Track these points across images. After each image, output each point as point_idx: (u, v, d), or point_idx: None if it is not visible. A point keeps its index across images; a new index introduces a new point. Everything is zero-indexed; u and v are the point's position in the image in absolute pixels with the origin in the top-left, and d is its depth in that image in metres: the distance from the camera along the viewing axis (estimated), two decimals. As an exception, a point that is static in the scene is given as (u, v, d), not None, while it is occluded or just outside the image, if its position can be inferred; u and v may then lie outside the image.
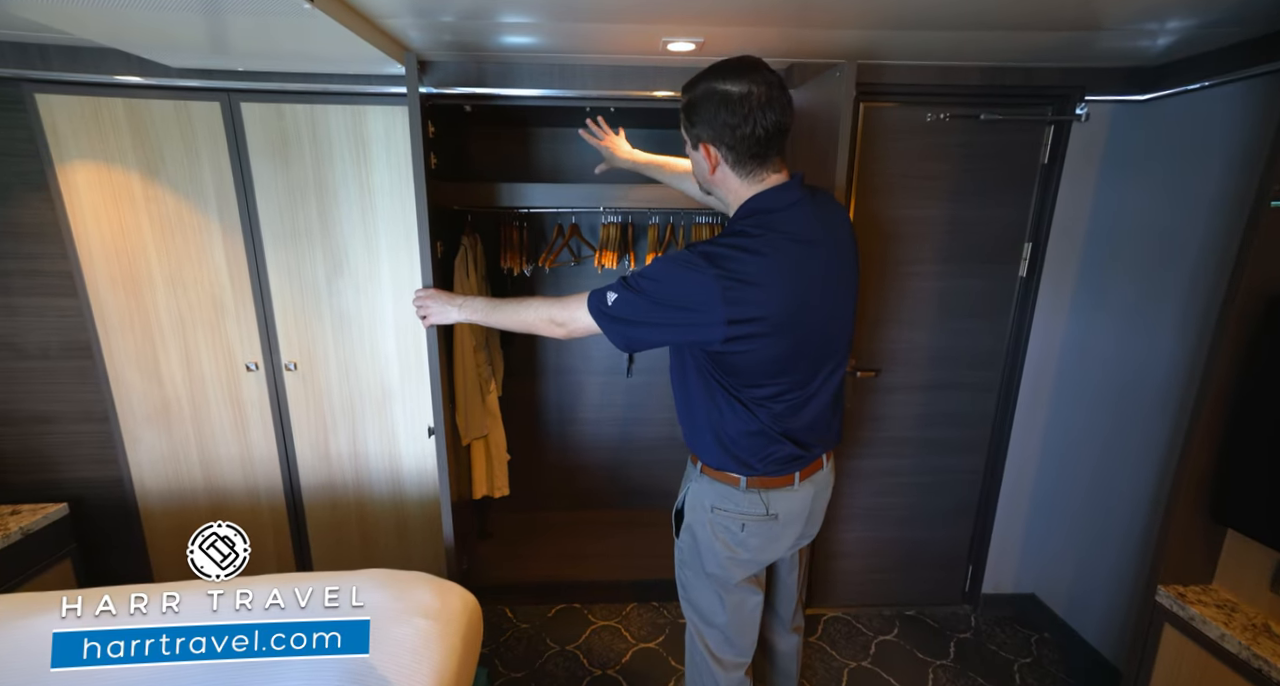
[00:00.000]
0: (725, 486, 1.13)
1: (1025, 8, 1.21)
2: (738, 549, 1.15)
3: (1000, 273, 1.86)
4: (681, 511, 1.22)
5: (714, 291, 0.94)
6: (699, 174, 1.09)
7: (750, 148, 0.97)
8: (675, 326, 0.99)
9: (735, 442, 1.09)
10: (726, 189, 1.05)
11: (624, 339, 1.04)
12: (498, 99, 1.66)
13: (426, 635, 1.09)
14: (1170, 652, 1.24)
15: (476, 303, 1.28)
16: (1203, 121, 1.52)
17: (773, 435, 1.07)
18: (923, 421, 1.97)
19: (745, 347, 0.98)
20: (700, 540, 1.18)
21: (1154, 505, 1.67)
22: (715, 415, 1.09)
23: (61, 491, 1.86)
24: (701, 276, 0.94)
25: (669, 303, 0.98)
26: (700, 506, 1.17)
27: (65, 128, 1.60)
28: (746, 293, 0.94)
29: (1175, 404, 1.59)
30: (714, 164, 1.02)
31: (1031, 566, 2.12)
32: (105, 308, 1.74)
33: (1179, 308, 1.57)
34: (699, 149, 1.02)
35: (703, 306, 0.95)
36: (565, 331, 1.12)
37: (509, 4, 1.22)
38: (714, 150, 1.00)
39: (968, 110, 1.69)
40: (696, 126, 1.00)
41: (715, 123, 0.96)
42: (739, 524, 1.13)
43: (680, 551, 1.25)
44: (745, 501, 1.12)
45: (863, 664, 1.92)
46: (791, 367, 1.03)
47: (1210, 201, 1.50)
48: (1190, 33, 1.37)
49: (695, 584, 1.23)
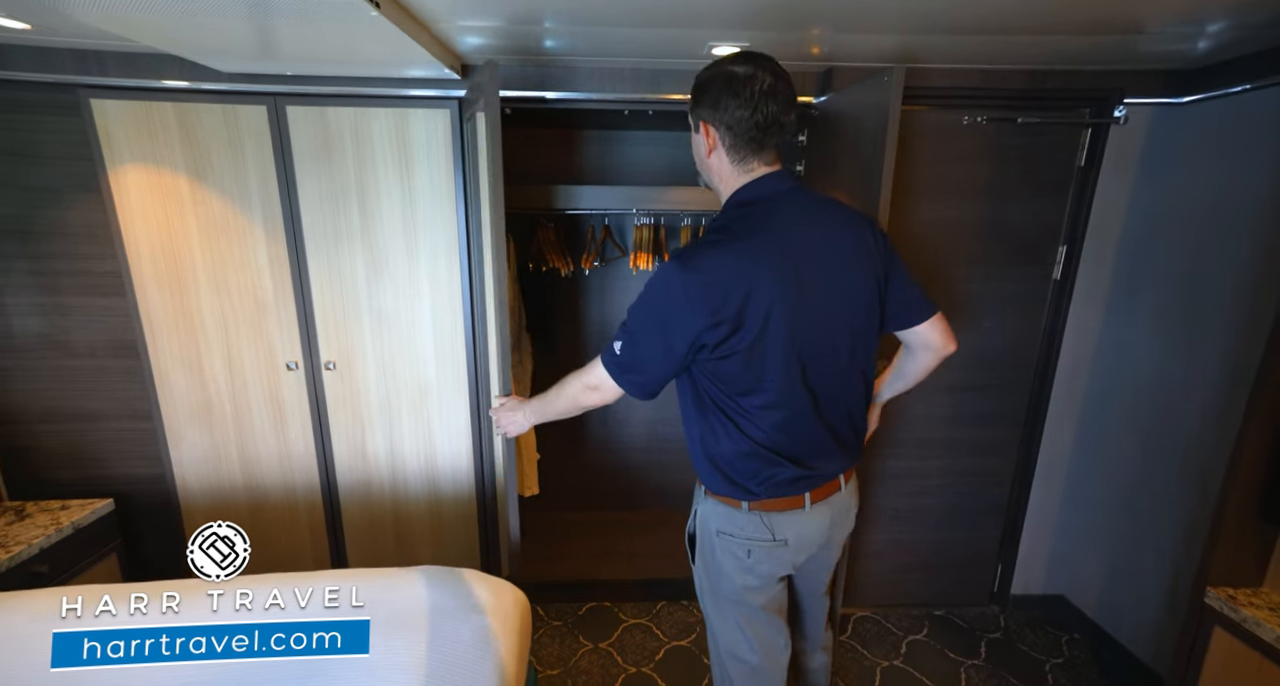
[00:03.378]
0: (728, 509, 1.07)
1: (1067, 12, 1.21)
2: (746, 576, 1.09)
3: (1034, 275, 1.87)
4: (693, 536, 1.17)
5: (684, 290, 0.93)
6: (697, 157, 1.07)
7: (748, 132, 0.96)
8: (663, 342, 0.96)
9: (730, 465, 1.04)
10: (719, 176, 1.03)
11: (638, 388, 1.03)
12: (540, 102, 1.68)
13: (487, 631, 1.11)
14: (1220, 655, 1.24)
15: (533, 404, 1.25)
16: (1244, 124, 1.52)
17: (767, 456, 1.01)
18: (952, 422, 1.97)
19: (727, 349, 0.94)
20: (711, 565, 1.13)
21: (1190, 508, 1.67)
22: (709, 436, 1.05)
23: (108, 487, 1.90)
24: (671, 279, 0.94)
25: (652, 318, 0.97)
26: (707, 530, 1.12)
27: (118, 131, 1.63)
28: (715, 289, 0.92)
29: (1213, 408, 1.59)
30: (711, 146, 1.00)
31: (1061, 567, 2.12)
32: (152, 307, 1.78)
33: (1217, 312, 1.57)
34: (699, 130, 1.01)
35: (678, 308, 0.94)
36: (600, 396, 1.09)
37: (565, 8, 1.23)
38: (713, 130, 0.99)
39: (1005, 113, 1.69)
40: (700, 106, 0.99)
41: (718, 102, 0.96)
42: (745, 549, 1.07)
43: (697, 579, 1.19)
44: (749, 525, 1.06)
45: (895, 663, 1.93)
46: (778, 373, 0.97)
47: (1251, 205, 1.50)
48: (1229, 35, 1.37)
49: (716, 614, 1.16)
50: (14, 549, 1.58)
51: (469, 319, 1.85)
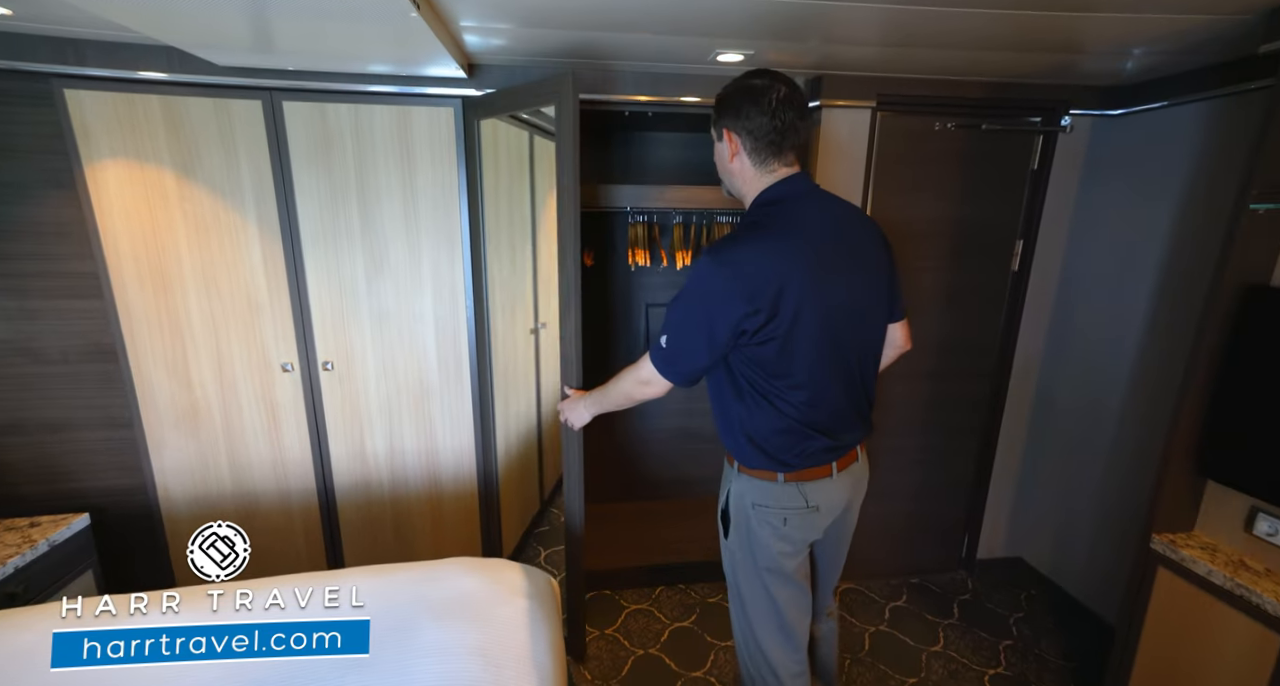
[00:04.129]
0: (764, 483, 1.15)
1: (1022, 32, 1.37)
2: (782, 543, 1.17)
3: (995, 267, 2.06)
4: (727, 512, 1.23)
5: (721, 283, 1.01)
6: (720, 165, 1.16)
7: (768, 137, 1.06)
8: (706, 333, 1.04)
9: (767, 441, 1.12)
10: (742, 179, 1.12)
11: (684, 378, 1.13)
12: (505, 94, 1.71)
13: (531, 613, 1.15)
14: (1164, 590, 1.44)
15: (592, 397, 1.36)
16: (1165, 135, 1.75)
17: (802, 431, 1.10)
18: (928, 404, 2.15)
19: (765, 335, 1.03)
20: (748, 537, 1.19)
21: (1124, 474, 1.90)
22: (746, 416, 1.13)
23: (82, 501, 1.79)
24: (709, 273, 1.03)
25: (694, 312, 1.06)
26: (743, 504, 1.19)
27: (96, 124, 1.55)
28: (750, 280, 1.00)
29: (1145, 381, 1.83)
30: (734, 151, 1.10)
31: (1018, 532, 2.35)
32: (132, 309, 1.69)
33: (1149, 295, 1.80)
34: (722, 138, 1.11)
35: (717, 300, 1.02)
36: (652, 390, 1.18)
37: (587, 14, 1.29)
38: (735, 137, 1.08)
39: (971, 120, 1.87)
40: (723, 116, 1.09)
41: (739, 111, 1.06)
42: (781, 518, 1.16)
43: (730, 552, 1.25)
44: (785, 496, 1.15)
45: (880, 628, 2.09)
46: (809, 356, 1.06)
47: (1172, 203, 1.73)
48: (1150, 60, 1.59)
49: (749, 585, 1.22)
50: (-11, 569, 1.48)
51: (472, 315, 1.86)
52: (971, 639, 2.04)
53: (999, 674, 1.89)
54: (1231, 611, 1.31)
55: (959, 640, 2.03)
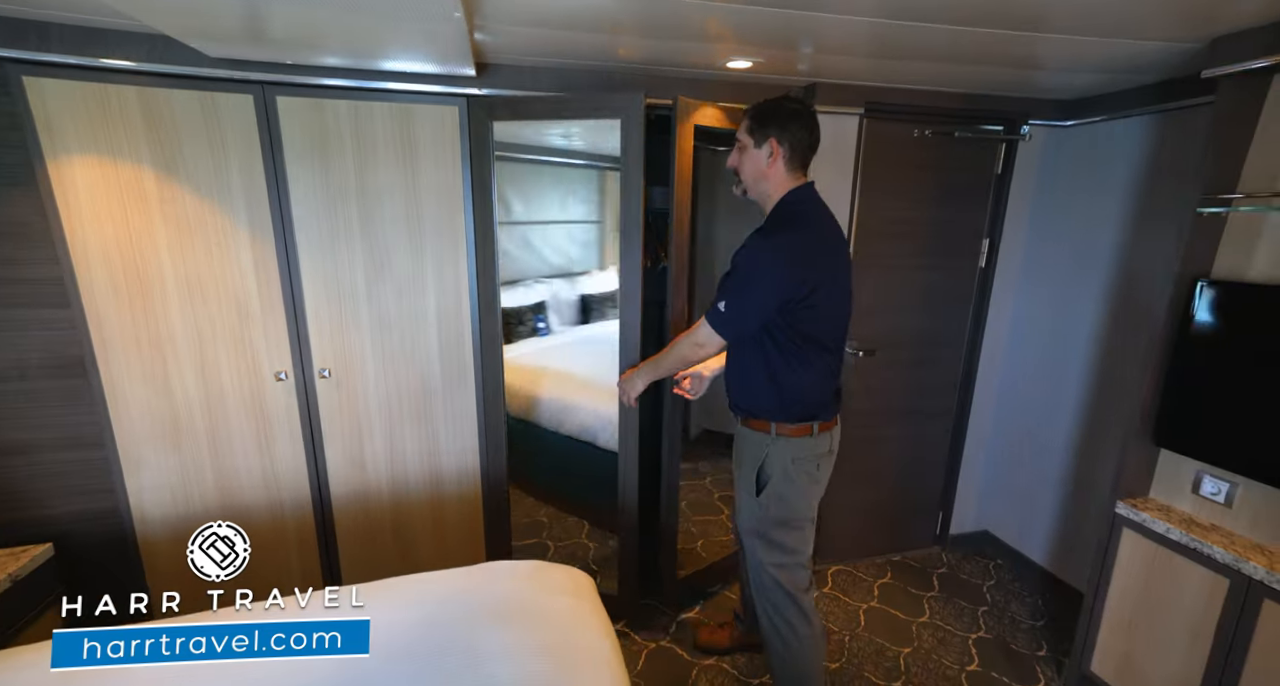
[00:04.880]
0: (800, 439, 1.40)
1: (983, 48, 1.49)
2: (816, 486, 1.46)
3: (965, 264, 2.23)
4: (762, 474, 1.43)
5: (773, 260, 1.27)
6: (752, 167, 1.35)
7: (800, 151, 1.33)
8: (760, 300, 1.29)
9: (809, 395, 1.38)
10: (773, 182, 1.35)
11: (736, 335, 1.37)
12: (551, 100, 1.71)
13: (581, 610, 1.17)
14: (1127, 549, 1.63)
15: (645, 367, 1.57)
16: (1110, 145, 1.96)
17: (828, 386, 1.41)
18: (907, 393, 2.30)
19: (807, 304, 1.29)
20: (786, 493, 1.43)
21: (1080, 449, 2.12)
22: (792, 377, 1.36)
23: (43, 530, 1.63)
24: (765, 254, 1.28)
25: (752, 283, 1.28)
26: (783, 464, 1.41)
27: (61, 116, 1.42)
28: (798, 262, 1.27)
29: (1097, 364, 2.04)
30: (775, 157, 1.32)
31: (985, 507, 2.56)
32: (104, 318, 1.56)
33: (1099, 287, 2.02)
34: (763, 145, 1.32)
35: (771, 274, 1.27)
36: (705, 351, 1.41)
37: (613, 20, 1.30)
38: (779, 146, 1.31)
39: (946, 128, 2.02)
40: (768, 127, 1.31)
41: (785, 125, 1.30)
42: (815, 465, 1.44)
43: (764, 509, 1.45)
44: (818, 445, 1.42)
45: (871, 604, 2.22)
46: (834, 329, 1.37)
47: (1117, 206, 1.94)
48: (1093, 78, 1.78)
49: (781, 532, 1.46)
50: (-47, 610, 1.33)
51: (475, 314, 1.83)
52: (953, 608, 2.21)
53: (980, 637, 2.06)
54: (1187, 562, 1.49)
55: (942, 610, 2.20)
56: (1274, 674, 1.33)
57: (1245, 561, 1.38)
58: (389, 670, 0.96)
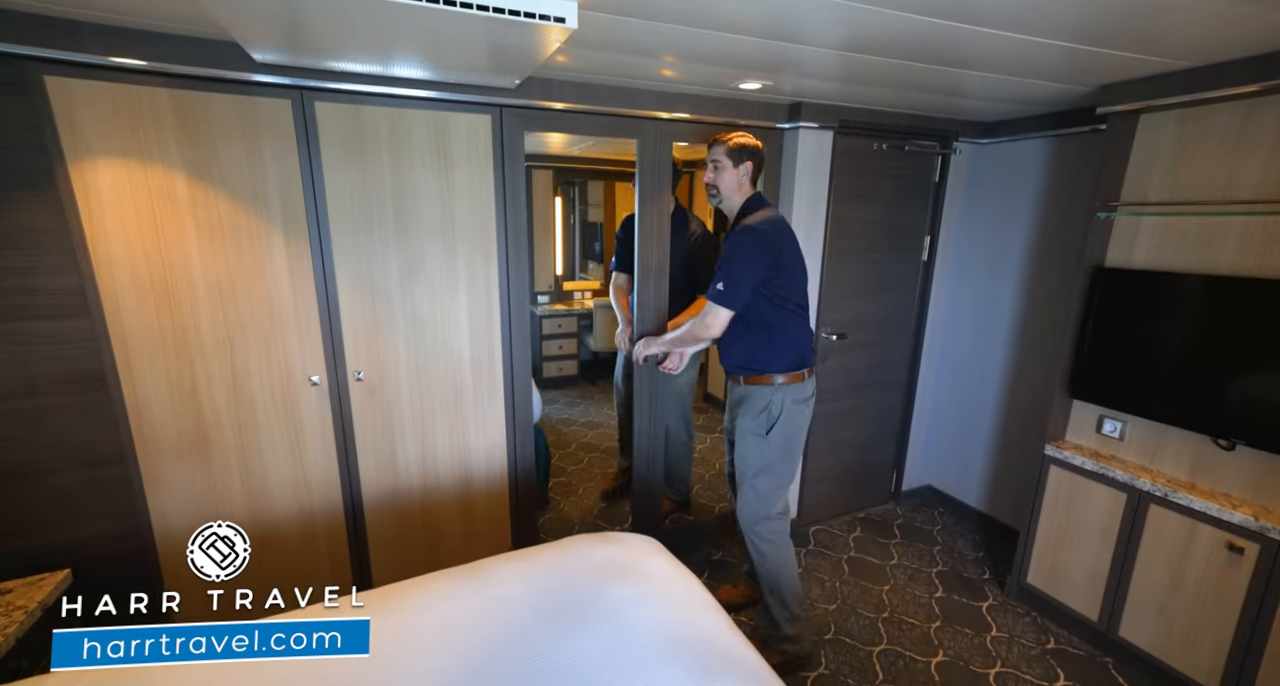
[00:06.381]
0: (798, 385, 1.74)
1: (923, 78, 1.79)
2: (807, 422, 1.79)
3: (911, 258, 2.63)
4: (770, 424, 1.73)
5: (758, 244, 1.62)
6: (729, 183, 1.72)
7: (759, 169, 1.75)
8: (751, 274, 1.62)
9: (804, 344, 1.73)
10: (741, 192, 1.74)
11: (736, 304, 1.65)
12: (573, 112, 1.85)
13: (670, 565, 1.34)
14: (1053, 481, 2.06)
15: (664, 338, 1.90)
16: (1017, 160, 2.43)
17: (807, 338, 1.76)
18: (869, 369, 2.67)
19: (785, 275, 1.66)
20: (790, 432, 1.75)
21: (1004, 408, 2.59)
22: (788, 330, 1.71)
23: (60, 557, 1.53)
24: (751, 239, 1.63)
25: (744, 262, 1.63)
26: (784, 407, 1.73)
27: (86, 118, 1.36)
28: (774, 242, 1.63)
29: (1013, 338, 2.51)
30: (746, 176, 1.72)
31: (928, 464, 3.01)
32: (127, 328, 1.50)
33: (1012, 275, 2.49)
34: (740, 166, 1.71)
35: (758, 254, 1.62)
36: (712, 329, 1.69)
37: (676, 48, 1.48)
38: (751, 167, 1.72)
39: (898, 142, 2.38)
40: (744, 154, 1.71)
41: (755, 152, 1.72)
42: (809, 405, 1.78)
43: (771, 448, 1.75)
44: (809, 388, 1.77)
45: (851, 554, 2.57)
46: (803, 293, 1.73)
47: (1024, 210, 2.41)
48: (1011, 107, 2.21)
49: (782, 461, 1.77)
50: (-7, 643, 1.25)
51: (505, 314, 1.92)
52: (914, 550, 2.61)
53: (940, 571, 2.46)
54: (1096, 485, 1.94)
55: (906, 552, 2.59)
56: (1158, 558, 1.79)
57: (1137, 479, 1.82)
58: (550, 625, 1.08)
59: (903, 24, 1.29)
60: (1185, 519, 1.70)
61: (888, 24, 1.29)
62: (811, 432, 2.53)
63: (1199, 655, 1.69)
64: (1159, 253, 1.81)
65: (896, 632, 2.08)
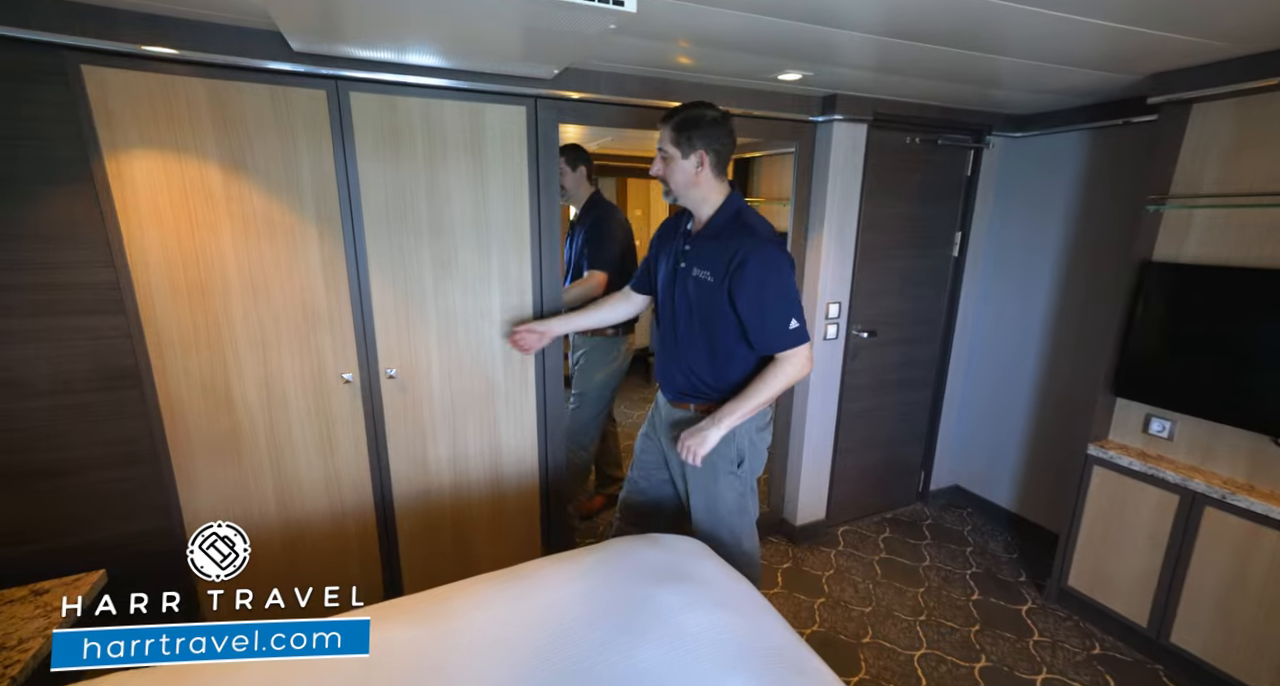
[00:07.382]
0: (761, 413, 1.47)
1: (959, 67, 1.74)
2: (766, 450, 1.54)
3: (942, 254, 2.58)
4: (741, 450, 1.47)
5: (789, 264, 1.36)
6: (682, 178, 1.37)
7: (723, 158, 1.37)
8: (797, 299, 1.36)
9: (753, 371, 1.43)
10: (704, 189, 1.38)
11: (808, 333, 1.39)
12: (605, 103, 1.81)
13: (721, 568, 1.30)
14: (1097, 482, 2.01)
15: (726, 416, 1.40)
16: (1051, 154, 2.37)
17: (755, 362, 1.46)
18: (898, 367, 2.62)
19: None
20: (757, 458, 1.51)
21: (1038, 407, 2.54)
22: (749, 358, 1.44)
23: (93, 557, 1.50)
24: (784, 261, 1.35)
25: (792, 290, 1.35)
26: (748, 436, 1.47)
27: (123, 108, 1.33)
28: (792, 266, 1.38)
29: (1048, 335, 2.46)
30: (703, 166, 1.35)
31: (956, 464, 2.95)
32: (161, 323, 1.47)
33: (1046, 271, 2.43)
34: (690, 156, 1.34)
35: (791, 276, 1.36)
36: (805, 370, 1.40)
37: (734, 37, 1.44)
38: (706, 154, 1.34)
39: (931, 136, 2.33)
40: (693, 138, 1.33)
41: (709, 135, 1.33)
42: (770, 432, 1.55)
43: (742, 480, 1.50)
44: (768, 414, 1.52)
45: (881, 556, 2.52)
46: None
47: (1059, 205, 2.35)
48: (1037, 98, 2.15)
49: (751, 495, 1.54)
50: (32, 646, 1.22)
51: (538, 310, 1.89)
52: (946, 552, 2.56)
53: (974, 572, 2.41)
54: (1145, 486, 1.88)
55: (938, 554, 2.54)
56: (1216, 563, 1.73)
57: (1190, 480, 1.77)
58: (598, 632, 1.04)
59: (943, 3, 1.24)
60: (1245, 522, 1.65)
61: (929, 2, 1.24)
62: (839, 431, 2.49)
63: (1261, 663, 1.64)
64: (1213, 246, 1.75)
65: (936, 636, 2.03)
